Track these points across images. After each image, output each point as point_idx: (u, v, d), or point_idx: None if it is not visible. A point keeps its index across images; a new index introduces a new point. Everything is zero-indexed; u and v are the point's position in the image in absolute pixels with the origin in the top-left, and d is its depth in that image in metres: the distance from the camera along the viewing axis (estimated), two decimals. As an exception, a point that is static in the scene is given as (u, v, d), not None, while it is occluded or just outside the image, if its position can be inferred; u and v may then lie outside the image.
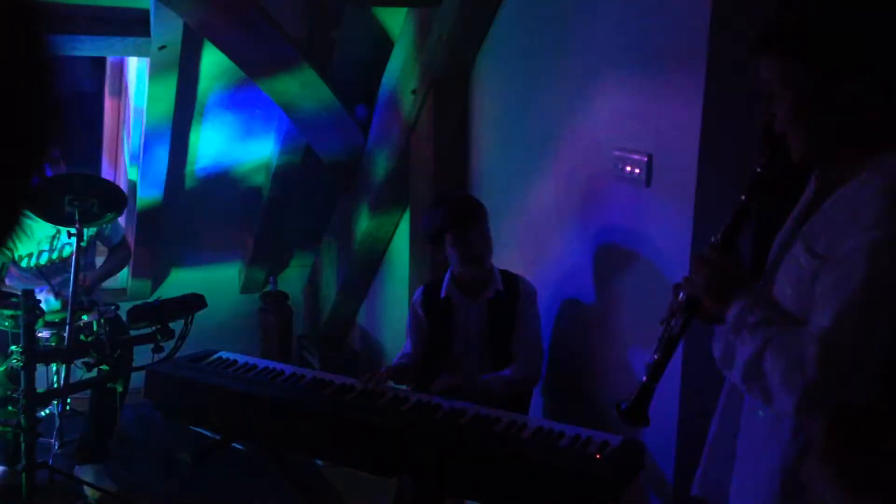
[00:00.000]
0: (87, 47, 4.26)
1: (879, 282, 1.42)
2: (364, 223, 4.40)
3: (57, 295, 3.67)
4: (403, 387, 3.09)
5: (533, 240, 3.36)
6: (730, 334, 1.59)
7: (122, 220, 4.24)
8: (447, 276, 3.09)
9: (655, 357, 1.81)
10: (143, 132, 4.49)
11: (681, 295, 1.77)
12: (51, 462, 3.56)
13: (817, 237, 1.55)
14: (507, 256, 3.20)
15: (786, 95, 1.58)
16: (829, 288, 1.47)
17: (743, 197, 1.71)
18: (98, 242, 4.06)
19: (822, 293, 1.49)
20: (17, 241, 3.75)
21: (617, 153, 2.79)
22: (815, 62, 1.55)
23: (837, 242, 1.48)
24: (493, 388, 2.90)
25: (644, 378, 1.83)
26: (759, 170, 1.69)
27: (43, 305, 3.49)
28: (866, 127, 1.55)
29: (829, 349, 1.43)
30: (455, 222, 2.99)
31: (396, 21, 4.02)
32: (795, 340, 1.47)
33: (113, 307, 3.68)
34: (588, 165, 2.98)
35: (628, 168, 2.74)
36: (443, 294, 3.08)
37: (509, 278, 3.08)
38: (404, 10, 3.87)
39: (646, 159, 2.67)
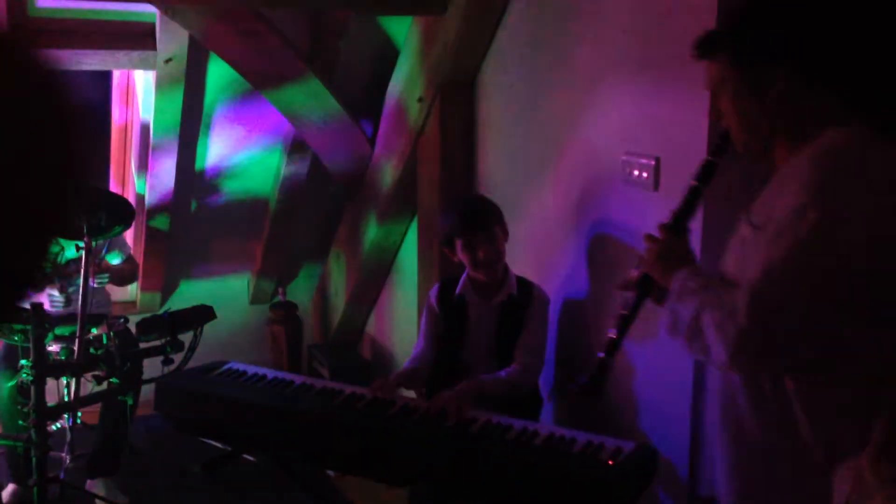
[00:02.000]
0: (92, 61, 4.27)
1: (806, 241, 1.46)
2: (372, 232, 4.39)
3: (61, 289, 3.70)
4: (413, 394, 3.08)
5: (540, 244, 3.35)
6: (673, 302, 1.67)
7: (128, 233, 4.25)
8: (464, 274, 3.09)
9: (613, 334, 1.91)
10: (150, 145, 4.50)
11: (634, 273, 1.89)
12: (62, 476, 3.55)
13: (757, 211, 1.63)
14: (515, 261, 3.19)
15: (724, 95, 1.69)
16: (761, 249, 1.53)
17: (693, 182, 1.84)
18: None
19: (754, 255, 1.56)
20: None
21: (624, 157, 2.78)
22: (744, 65, 1.64)
23: (772, 212, 1.55)
24: (487, 387, 2.86)
25: (601, 354, 1.94)
26: (708, 157, 1.83)
27: (49, 303, 3.60)
28: (801, 118, 1.61)
29: (755, 298, 1.48)
30: (464, 229, 2.99)
31: (401, 29, 4.02)
32: (729, 296, 1.53)
33: (122, 320, 3.68)
34: (595, 169, 2.98)
35: (636, 172, 2.73)
36: (458, 291, 3.08)
37: (524, 284, 3.07)
38: (409, 18, 3.87)
39: (653, 163, 2.66)
